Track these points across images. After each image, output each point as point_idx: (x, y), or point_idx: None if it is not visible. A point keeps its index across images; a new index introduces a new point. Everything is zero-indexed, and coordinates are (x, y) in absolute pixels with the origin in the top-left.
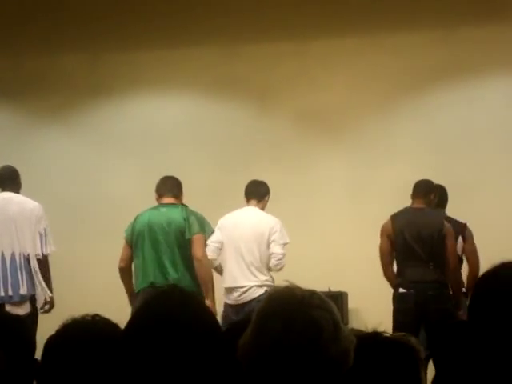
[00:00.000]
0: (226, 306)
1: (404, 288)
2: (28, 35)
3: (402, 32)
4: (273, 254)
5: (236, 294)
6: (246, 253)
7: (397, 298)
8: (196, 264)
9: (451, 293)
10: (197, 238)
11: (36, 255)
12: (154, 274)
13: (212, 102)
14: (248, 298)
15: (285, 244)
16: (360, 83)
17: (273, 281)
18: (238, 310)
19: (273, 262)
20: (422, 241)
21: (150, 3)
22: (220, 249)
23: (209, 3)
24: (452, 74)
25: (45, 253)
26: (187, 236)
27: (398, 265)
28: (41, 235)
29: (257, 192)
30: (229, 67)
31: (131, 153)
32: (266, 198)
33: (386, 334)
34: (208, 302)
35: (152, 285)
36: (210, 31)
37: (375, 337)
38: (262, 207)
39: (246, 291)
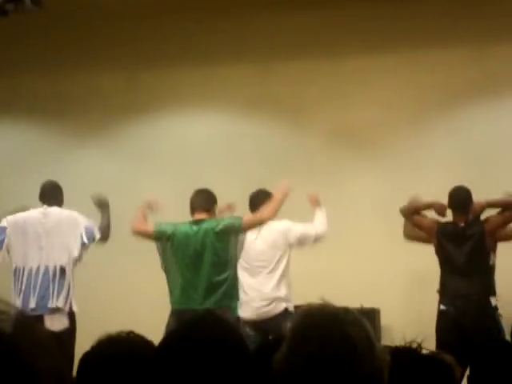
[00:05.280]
0: (243, 322)
1: (444, 305)
2: (65, 56)
3: (436, 49)
4: (306, 235)
5: (256, 306)
6: (262, 267)
7: (438, 315)
8: (269, 218)
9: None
10: (245, 219)
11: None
12: (191, 297)
13: (246, 120)
14: (271, 314)
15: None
16: (393, 100)
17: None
18: (256, 326)
19: (315, 234)
20: (464, 253)
21: (184, 23)
22: None
23: (243, 22)
24: (486, 90)
25: (87, 243)
26: (236, 231)
27: (440, 275)
28: (81, 236)
29: (262, 205)
30: (263, 85)
31: (167, 169)
32: None
33: (423, 351)
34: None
35: (188, 308)
36: (244, 49)
37: (410, 352)
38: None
39: (268, 305)
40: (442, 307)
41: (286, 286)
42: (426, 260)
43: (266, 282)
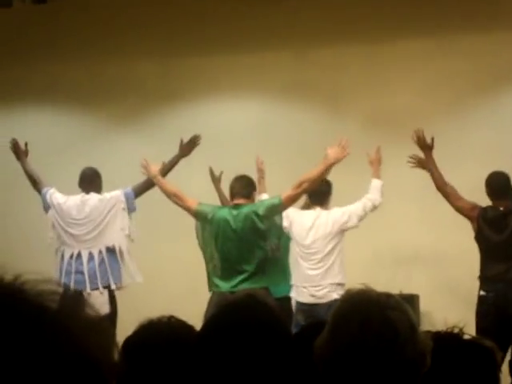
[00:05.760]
0: (296, 310)
1: (484, 290)
2: (103, 44)
3: (475, 34)
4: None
5: (309, 293)
6: (315, 254)
7: (478, 301)
8: (315, 182)
9: None
10: (285, 196)
11: (124, 229)
12: (231, 280)
13: (283, 106)
14: (323, 301)
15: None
16: (432, 85)
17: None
18: (308, 314)
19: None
20: (503, 238)
21: (220, 10)
22: None
23: (280, 8)
24: None
25: (132, 236)
26: (276, 208)
27: (480, 261)
28: (124, 210)
29: (319, 197)
30: (300, 71)
31: (203, 156)
32: (329, 199)
33: (465, 336)
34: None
35: (229, 290)
36: (281, 35)
37: (451, 337)
38: (326, 208)
39: (321, 292)
40: (482, 293)
41: (339, 274)
42: (467, 245)
43: (319, 270)
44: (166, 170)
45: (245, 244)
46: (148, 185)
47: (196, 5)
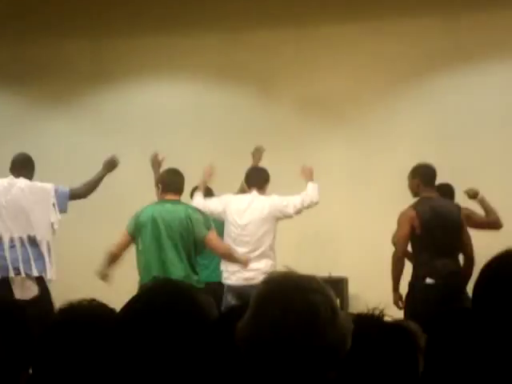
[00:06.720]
0: (226, 289)
1: (432, 278)
2: (30, 23)
3: (404, 18)
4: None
5: (239, 276)
6: (247, 237)
7: (422, 289)
8: (223, 257)
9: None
10: (210, 239)
11: (53, 224)
12: (157, 272)
13: (214, 89)
14: (253, 283)
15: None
16: (362, 70)
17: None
18: (238, 295)
19: (304, 202)
20: (447, 231)
21: None
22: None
23: None
24: (454, 60)
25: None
26: (199, 238)
27: (422, 255)
28: (54, 205)
29: (257, 180)
30: (231, 54)
31: (133, 138)
32: (266, 185)
33: (386, 318)
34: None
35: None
36: (212, 18)
37: (372, 320)
38: (263, 193)
39: (251, 275)
40: (429, 281)
41: (270, 259)
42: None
43: (251, 253)
44: (93, 186)
45: (174, 233)
46: (89, 187)
47: None
